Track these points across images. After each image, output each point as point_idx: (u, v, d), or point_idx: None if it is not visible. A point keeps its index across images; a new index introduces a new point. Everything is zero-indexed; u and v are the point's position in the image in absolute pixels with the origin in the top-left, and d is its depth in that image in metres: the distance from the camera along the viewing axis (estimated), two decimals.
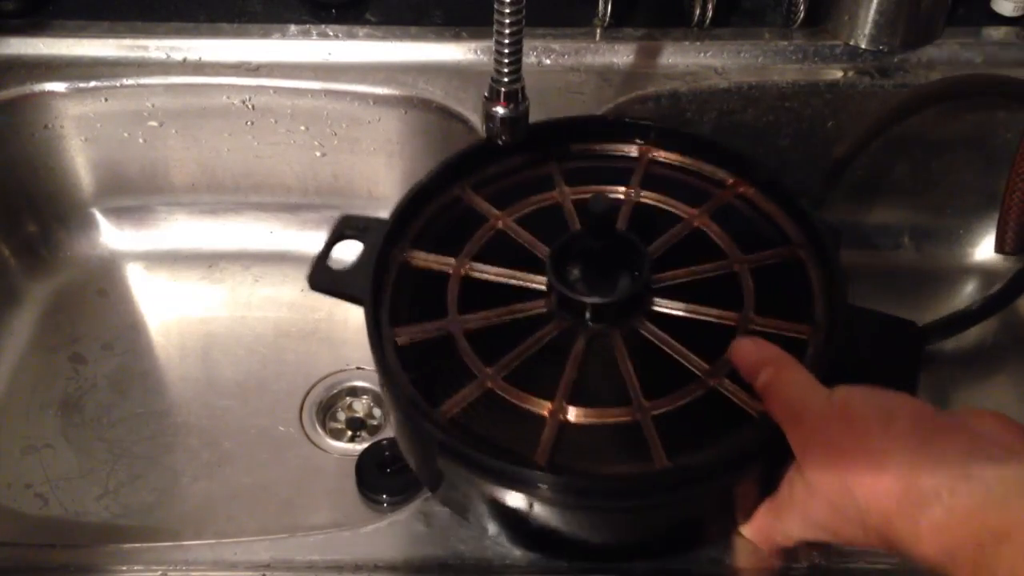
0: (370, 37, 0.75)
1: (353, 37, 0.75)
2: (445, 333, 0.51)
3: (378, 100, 0.74)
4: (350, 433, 0.72)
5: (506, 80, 0.53)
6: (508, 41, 0.51)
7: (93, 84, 0.73)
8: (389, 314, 0.51)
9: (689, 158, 0.59)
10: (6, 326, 0.75)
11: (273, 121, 0.75)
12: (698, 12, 0.74)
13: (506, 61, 0.52)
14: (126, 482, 0.67)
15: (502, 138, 0.55)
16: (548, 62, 0.75)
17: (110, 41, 0.75)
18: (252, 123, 0.75)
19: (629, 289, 0.50)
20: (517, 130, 0.55)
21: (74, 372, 0.73)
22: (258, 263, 0.81)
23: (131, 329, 0.77)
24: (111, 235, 0.81)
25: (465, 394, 0.48)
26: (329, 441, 0.71)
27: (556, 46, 0.75)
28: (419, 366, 0.49)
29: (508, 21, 0.50)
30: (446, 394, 0.48)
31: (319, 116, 0.75)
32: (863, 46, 0.74)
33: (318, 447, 0.70)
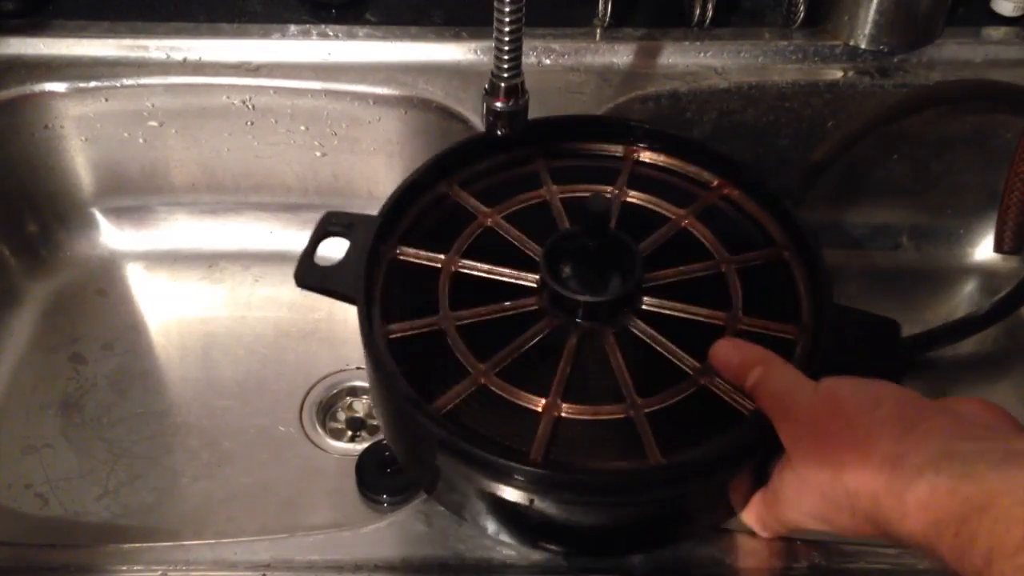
0: (370, 37, 0.75)
1: (353, 37, 0.75)
2: (437, 329, 0.51)
3: (378, 100, 0.74)
4: (350, 433, 0.72)
5: (506, 76, 0.53)
6: (508, 38, 0.51)
7: (93, 84, 0.73)
8: (380, 310, 0.51)
9: (675, 159, 0.60)
10: (6, 326, 0.75)
11: (273, 121, 0.75)
12: (698, 12, 0.74)
13: (506, 57, 0.52)
14: (126, 482, 0.67)
15: (501, 130, 0.55)
16: (548, 62, 0.75)
17: (110, 41, 0.75)
18: (252, 123, 0.75)
19: (621, 288, 0.50)
20: (516, 123, 0.55)
21: (74, 372, 0.73)
22: (258, 263, 0.81)
23: (131, 329, 0.77)
24: (111, 235, 0.81)
25: (458, 390, 0.48)
26: (329, 441, 0.71)
27: (556, 46, 0.75)
28: (411, 362, 0.49)
29: (508, 20, 0.50)
30: (439, 390, 0.48)
31: (319, 116, 0.75)
32: (863, 46, 0.74)
33: (318, 447, 0.70)
